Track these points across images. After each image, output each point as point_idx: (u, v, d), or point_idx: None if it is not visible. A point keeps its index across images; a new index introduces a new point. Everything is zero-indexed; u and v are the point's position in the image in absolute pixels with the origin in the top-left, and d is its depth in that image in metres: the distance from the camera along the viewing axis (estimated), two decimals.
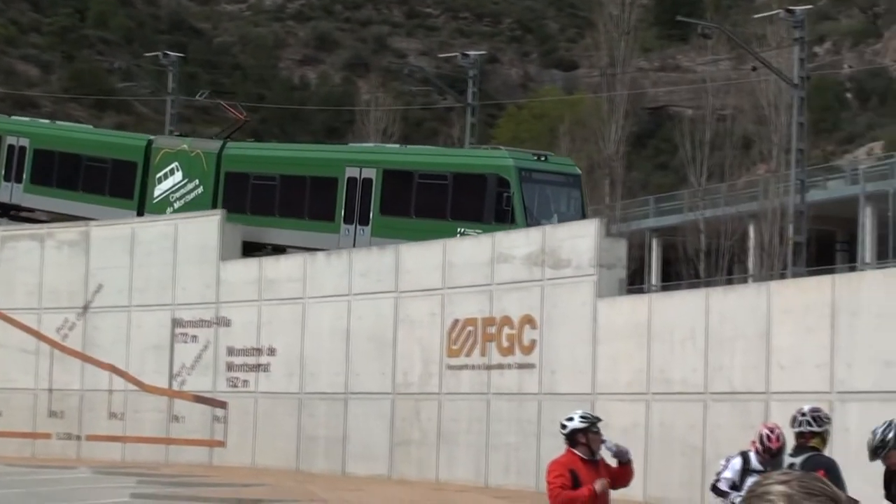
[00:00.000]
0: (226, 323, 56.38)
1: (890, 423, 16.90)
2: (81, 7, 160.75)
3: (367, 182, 54.96)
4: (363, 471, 50.96)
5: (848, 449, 33.26)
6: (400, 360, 51.07)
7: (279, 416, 54.55)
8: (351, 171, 55.62)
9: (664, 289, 49.63)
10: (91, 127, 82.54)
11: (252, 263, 58.50)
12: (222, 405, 56.27)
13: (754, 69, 73.59)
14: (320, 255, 57.43)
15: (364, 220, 55.17)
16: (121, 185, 61.57)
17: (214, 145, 61.47)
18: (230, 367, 56.00)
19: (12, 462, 53.54)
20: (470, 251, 50.06)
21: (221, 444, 55.98)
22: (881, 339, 37.33)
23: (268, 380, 54.93)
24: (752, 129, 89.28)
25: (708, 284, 62.13)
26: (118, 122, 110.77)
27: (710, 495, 21.84)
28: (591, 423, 18.23)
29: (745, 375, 40.67)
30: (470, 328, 49.09)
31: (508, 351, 47.91)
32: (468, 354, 49.14)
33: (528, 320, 47.37)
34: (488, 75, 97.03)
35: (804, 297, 40.25)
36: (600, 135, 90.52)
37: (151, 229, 59.94)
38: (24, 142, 64.79)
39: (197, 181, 59.91)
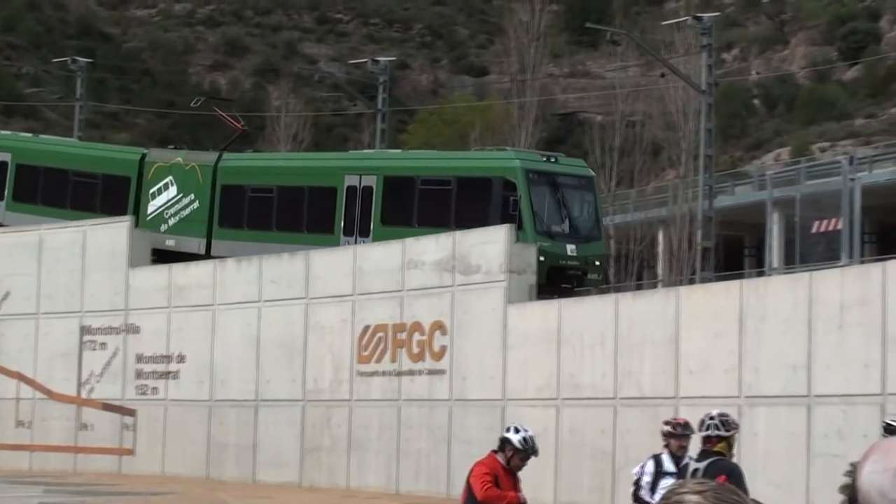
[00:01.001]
0: (135, 330, 55.99)
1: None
2: None
3: (367, 190, 51.88)
4: (273, 478, 50.96)
5: (756, 453, 34.70)
6: (310, 366, 51.07)
7: (189, 424, 54.30)
8: (350, 180, 52.51)
9: (574, 294, 49.20)
10: (77, 140, 79.70)
11: (162, 270, 57.91)
12: (131, 413, 55.82)
13: (663, 75, 73.85)
14: (230, 261, 57.12)
15: (364, 232, 52.01)
16: (113, 203, 58.40)
17: (210, 157, 58.46)
18: (139, 374, 55.65)
19: None
20: (381, 257, 50.04)
21: (130, 452, 55.60)
22: (788, 343, 37.74)
23: (177, 387, 54.69)
24: (661, 136, 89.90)
25: (617, 290, 62.35)
26: (26, 128, 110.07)
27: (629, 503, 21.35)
28: (526, 453, 18.27)
29: (655, 380, 40.92)
30: (380, 334, 49.13)
31: (419, 357, 47.97)
32: (379, 361, 49.15)
33: (439, 326, 47.49)
34: (399, 81, 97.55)
35: (713, 302, 40.72)
36: (511, 141, 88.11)
37: (60, 236, 59.37)
38: (5, 157, 61.84)
39: (192, 196, 56.88)
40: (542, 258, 44.93)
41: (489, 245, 46.77)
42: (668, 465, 19.08)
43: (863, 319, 36.06)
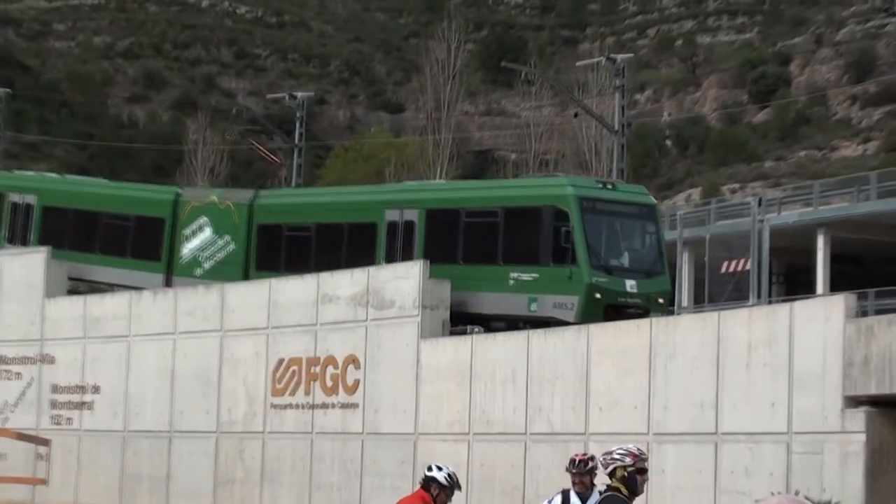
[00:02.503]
0: (50, 360, 55.88)
1: None
2: None
3: (409, 225, 46.45)
4: None
5: (664, 489, 35.40)
6: (224, 398, 51.24)
7: (103, 454, 54.28)
8: (391, 214, 47.21)
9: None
10: (107, 181, 76.04)
11: (77, 301, 57.89)
12: (45, 443, 55.38)
13: (577, 115, 73.87)
14: (146, 292, 56.89)
15: None
16: (146, 246, 55.20)
17: (245, 195, 54.72)
18: (54, 404, 55.64)
19: None
20: (295, 291, 50.25)
21: (44, 481, 55.23)
22: (696, 381, 38.09)
23: (92, 417, 54.74)
24: (574, 174, 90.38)
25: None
26: None
27: None
28: (452, 489, 18.33)
29: (565, 416, 41.19)
30: (294, 368, 49.40)
31: (332, 391, 48.25)
32: (292, 394, 49.44)
33: (353, 360, 47.69)
34: (316, 116, 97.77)
35: (623, 340, 40.73)
36: (426, 177, 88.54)
37: None
38: (31, 199, 58.23)
39: (228, 237, 52.78)
40: (598, 295, 41.13)
41: (403, 280, 47.00)
42: (575, 500, 19.06)
43: (770, 359, 36.39)
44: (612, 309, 40.45)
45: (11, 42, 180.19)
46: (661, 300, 42.12)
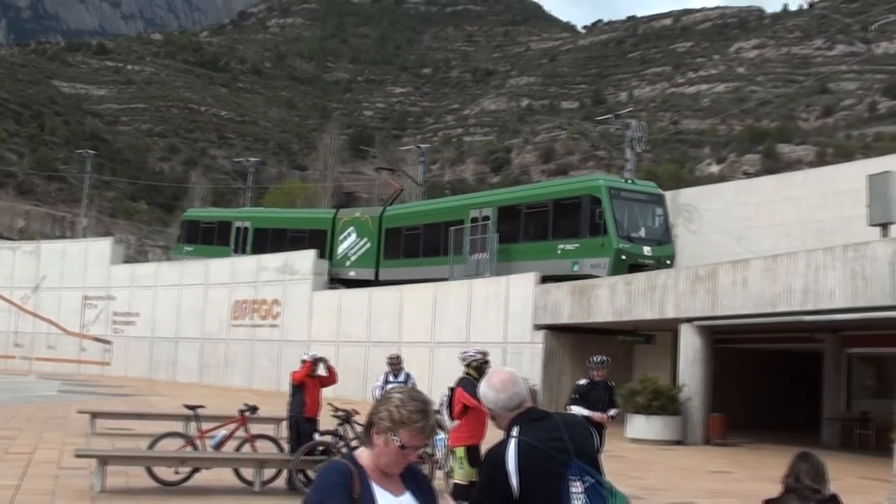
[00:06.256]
0: (112, 298, 57.36)
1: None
2: None
3: (486, 218, 42.69)
4: (185, 379, 52.47)
5: (441, 371, 36.59)
6: (206, 321, 53.00)
7: (140, 349, 55.74)
8: (473, 213, 43.55)
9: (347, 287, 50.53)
10: (290, 209, 73.54)
11: (127, 266, 59.52)
12: (109, 343, 57.42)
13: (399, 175, 76.67)
14: (165, 263, 59.15)
15: (483, 249, 42.58)
16: (315, 248, 51.30)
17: (377, 210, 51.06)
18: (114, 322, 57.14)
19: None
20: (247, 263, 51.94)
21: (108, 363, 57.20)
22: (458, 315, 40.14)
23: (135, 329, 56.10)
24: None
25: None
26: None
27: (370, 395, 22.92)
28: (316, 362, 18.43)
29: (389, 332, 43.40)
30: (245, 305, 51.48)
31: (264, 317, 50.38)
32: (243, 319, 51.49)
33: (276, 301, 49.88)
34: (260, 172, 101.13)
35: (421, 293, 42.77)
36: (319, 205, 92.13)
37: (75, 246, 61.46)
38: (247, 224, 56.73)
39: (366, 239, 49.68)
40: (623, 257, 36.90)
41: (304, 260, 49.35)
42: (391, 377, 19.95)
43: (497, 304, 38.67)
44: (634, 267, 36.37)
45: (97, 126, 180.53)
46: (668, 262, 38.18)
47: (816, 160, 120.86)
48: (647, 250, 37.28)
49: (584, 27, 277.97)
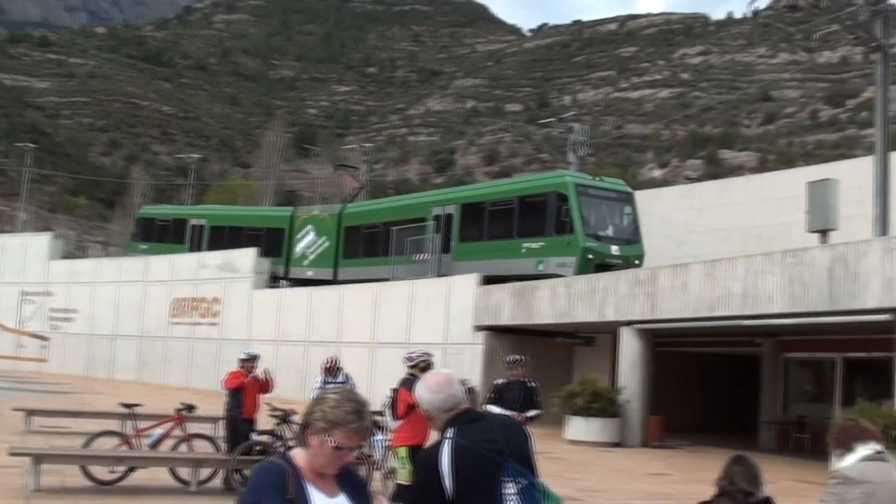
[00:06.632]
0: (50, 294, 57.13)
1: None
2: None
3: (449, 216, 41.14)
4: (123, 377, 52.00)
5: (383, 371, 36.60)
6: (145, 318, 52.67)
7: (78, 346, 55.30)
8: (436, 210, 41.94)
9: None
10: (247, 206, 72.92)
11: (66, 262, 58.89)
12: (46, 339, 56.98)
13: (342, 174, 77.24)
14: (105, 259, 58.68)
15: (446, 249, 41.10)
16: (273, 247, 50.59)
17: (336, 208, 50.00)
18: (52, 318, 56.74)
19: None
20: (187, 260, 51.70)
21: (45, 360, 56.73)
22: (398, 316, 40.29)
23: (73, 326, 55.81)
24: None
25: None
26: None
27: (311, 393, 22.20)
28: (251, 359, 18.38)
29: (328, 331, 43.20)
30: (184, 302, 51.18)
31: (204, 315, 50.15)
32: (183, 317, 51.23)
33: (216, 300, 49.70)
34: (202, 168, 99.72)
35: (361, 293, 42.91)
36: (261, 203, 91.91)
37: (10, 241, 60.90)
38: (203, 221, 55.67)
39: (324, 237, 48.48)
40: (590, 256, 35.32)
41: (245, 258, 49.10)
42: (329, 378, 19.56)
43: (438, 304, 38.73)
44: (601, 266, 34.90)
45: (38, 119, 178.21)
46: (637, 262, 36.29)
47: (758, 166, 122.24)
48: (614, 250, 35.99)
49: (530, 30, 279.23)
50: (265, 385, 18.49)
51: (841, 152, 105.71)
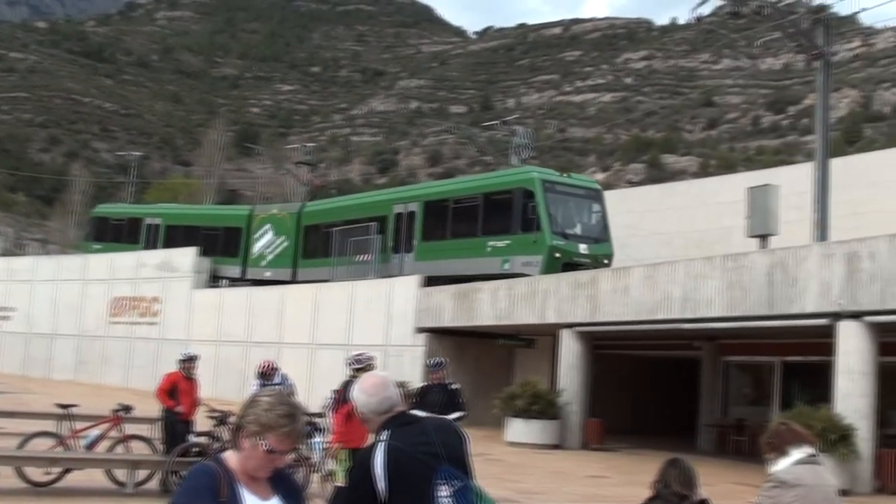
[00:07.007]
0: None
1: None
2: None
3: (411, 215, 40.17)
4: (61, 377, 51.37)
5: (321, 372, 36.39)
6: (84, 317, 52.23)
7: (16, 345, 54.73)
8: (398, 208, 40.95)
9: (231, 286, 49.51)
10: (204, 205, 71.77)
11: (4, 260, 57.93)
12: None
13: (284, 173, 76.59)
14: (43, 258, 58.24)
15: (409, 248, 40.04)
16: (230, 247, 50.03)
17: (296, 206, 48.94)
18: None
19: None
20: (126, 259, 51.30)
21: None
22: (339, 317, 39.96)
23: (10, 324, 55.33)
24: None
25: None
26: None
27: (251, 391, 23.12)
28: (190, 360, 18.70)
29: (269, 332, 43.06)
30: (124, 301, 50.75)
31: (144, 315, 49.75)
32: (122, 316, 50.81)
33: (155, 299, 49.31)
34: (143, 166, 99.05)
35: (302, 293, 42.88)
36: (202, 201, 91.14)
37: None
38: (158, 220, 54.89)
39: (283, 237, 47.57)
40: (557, 255, 34.21)
41: (185, 257, 48.84)
42: (263, 381, 19.53)
43: (379, 305, 38.50)
44: (569, 266, 33.73)
45: None
46: (605, 261, 35.21)
47: (700, 171, 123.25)
48: (582, 248, 34.89)
49: (475, 33, 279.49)
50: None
51: (782, 158, 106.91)
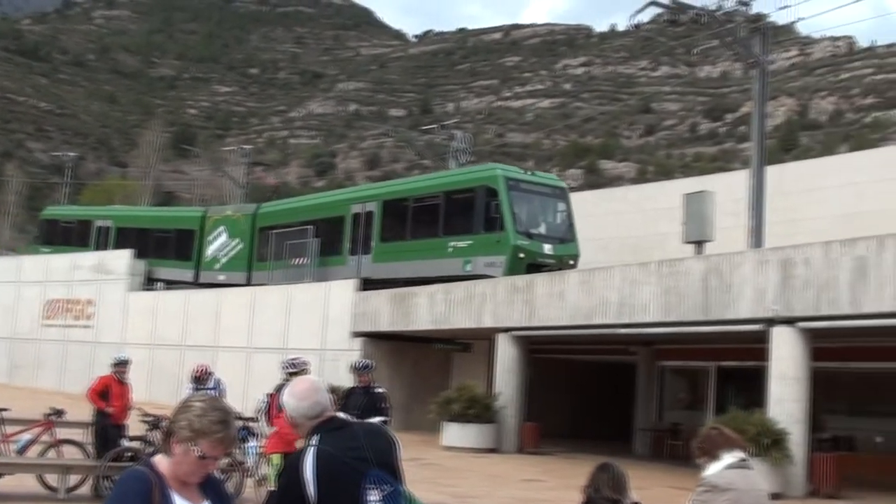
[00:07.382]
0: None
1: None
2: None
3: (369, 215, 38.97)
4: None
5: (256, 377, 36.36)
6: (17, 320, 51.62)
7: None
8: (355, 208, 39.82)
9: (167, 289, 49.10)
10: (156, 207, 70.76)
11: None
12: None
13: (222, 175, 76.81)
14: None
15: (367, 250, 38.89)
16: (183, 250, 49.12)
17: (251, 208, 47.70)
18: None
19: None
20: (61, 261, 50.77)
21: None
22: (275, 320, 40.06)
23: None
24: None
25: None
26: None
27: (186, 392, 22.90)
28: (123, 363, 18.84)
29: (205, 336, 42.76)
30: (58, 304, 50.23)
31: (78, 318, 49.22)
32: (56, 318, 50.25)
33: (90, 301, 48.78)
34: (79, 167, 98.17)
35: (239, 297, 42.63)
36: (139, 203, 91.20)
37: None
38: (109, 223, 53.71)
39: (238, 239, 46.29)
40: (521, 255, 33.10)
41: (119, 259, 48.45)
42: (198, 385, 19.03)
43: (316, 310, 38.43)
44: (533, 267, 32.76)
45: None
46: (571, 262, 34.16)
47: (637, 177, 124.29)
48: (547, 248, 33.76)
49: (415, 36, 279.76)
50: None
51: (718, 165, 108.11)
